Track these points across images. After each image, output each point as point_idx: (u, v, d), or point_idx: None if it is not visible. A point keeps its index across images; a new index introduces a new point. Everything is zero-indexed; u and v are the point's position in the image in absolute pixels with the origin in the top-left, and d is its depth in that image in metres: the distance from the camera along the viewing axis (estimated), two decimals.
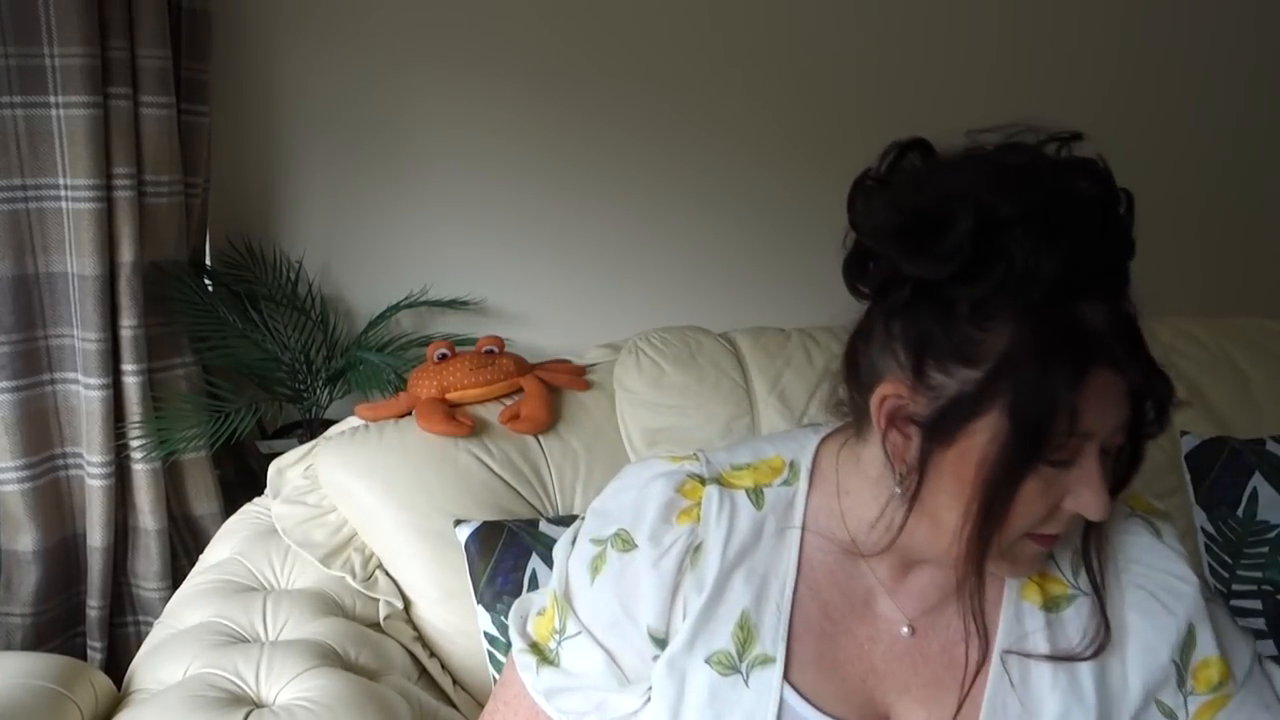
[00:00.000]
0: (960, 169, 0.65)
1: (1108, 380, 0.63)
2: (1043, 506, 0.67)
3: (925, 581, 0.76)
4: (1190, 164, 2.27)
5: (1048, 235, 0.61)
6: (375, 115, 1.89)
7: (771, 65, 2.02)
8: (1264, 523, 1.33)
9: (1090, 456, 0.65)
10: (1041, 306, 0.62)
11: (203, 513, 1.73)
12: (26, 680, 0.97)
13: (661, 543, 0.75)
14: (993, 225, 0.61)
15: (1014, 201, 0.61)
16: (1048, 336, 0.62)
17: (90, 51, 1.45)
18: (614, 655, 0.76)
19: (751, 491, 0.78)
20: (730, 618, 0.74)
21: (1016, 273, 0.61)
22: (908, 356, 0.67)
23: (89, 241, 1.51)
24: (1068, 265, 0.61)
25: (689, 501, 0.77)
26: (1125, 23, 2.16)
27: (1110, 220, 0.64)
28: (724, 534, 0.75)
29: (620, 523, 0.77)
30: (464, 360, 1.31)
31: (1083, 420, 0.63)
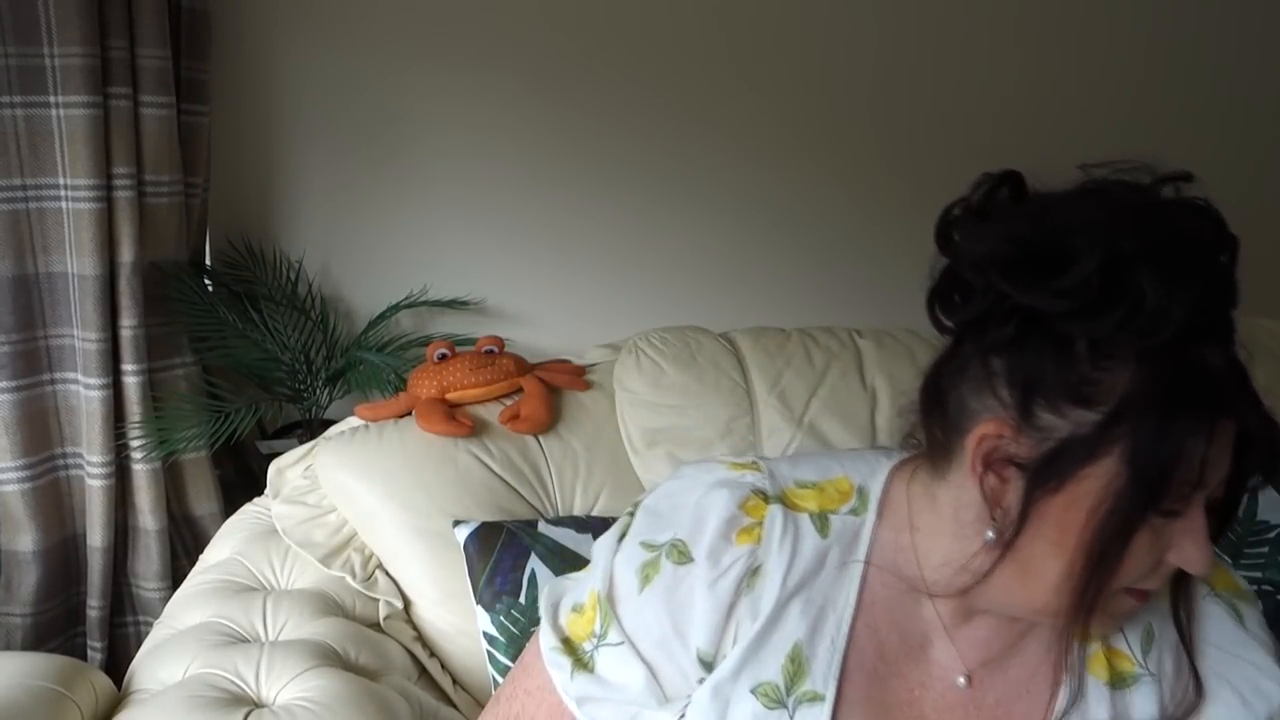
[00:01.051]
0: (1079, 203, 0.63)
1: (1228, 428, 0.61)
2: (1148, 559, 0.64)
3: (989, 630, 0.72)
4: (1190, 164, 2.27)
5: (1177, 276, 0.59)
6: (375, 115, 1.89)
7: (773, 65, 2.02)
8: (1264, 523, 1.33)
9: (1198, 507, 0.62)
10: (1168, 348, 0.60)
11: (203, 513, 1.73)
12: (26, 680, 0.97)
13: (720, 562, 0.71)
14: (1119, 262, 0.59)
15: (1141, 238, 0.59)
16: (1176, 380, 0.60)
17: (90, 51, 1.45)
18: (656, 672, 0.72)
19: (816, 517, 0.73)
20: (782, 649, 0.70)
21: (1146, 312, 0.59)
22: (1013, 395, 0.64)
23: (89, 241, 1.51)
24: (1196, 307, 0.59)
25: (751, 520, 0.72)
26: (1132, 24, 2.16)
27: (1222, 265, 0.63)
28: (786, 560, 0.71)
29: (676, 530, 0.73)
30: (464, 360, 1.31)
31: (1207, 470, 0.61)
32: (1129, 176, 0.64)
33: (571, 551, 1.12)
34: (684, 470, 0.79)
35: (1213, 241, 0.62)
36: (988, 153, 2.44)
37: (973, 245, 0.65)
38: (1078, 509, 0.62)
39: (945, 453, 0.70)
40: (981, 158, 2.43)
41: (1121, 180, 0.64)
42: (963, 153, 2.14)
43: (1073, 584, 0.63)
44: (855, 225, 2.12)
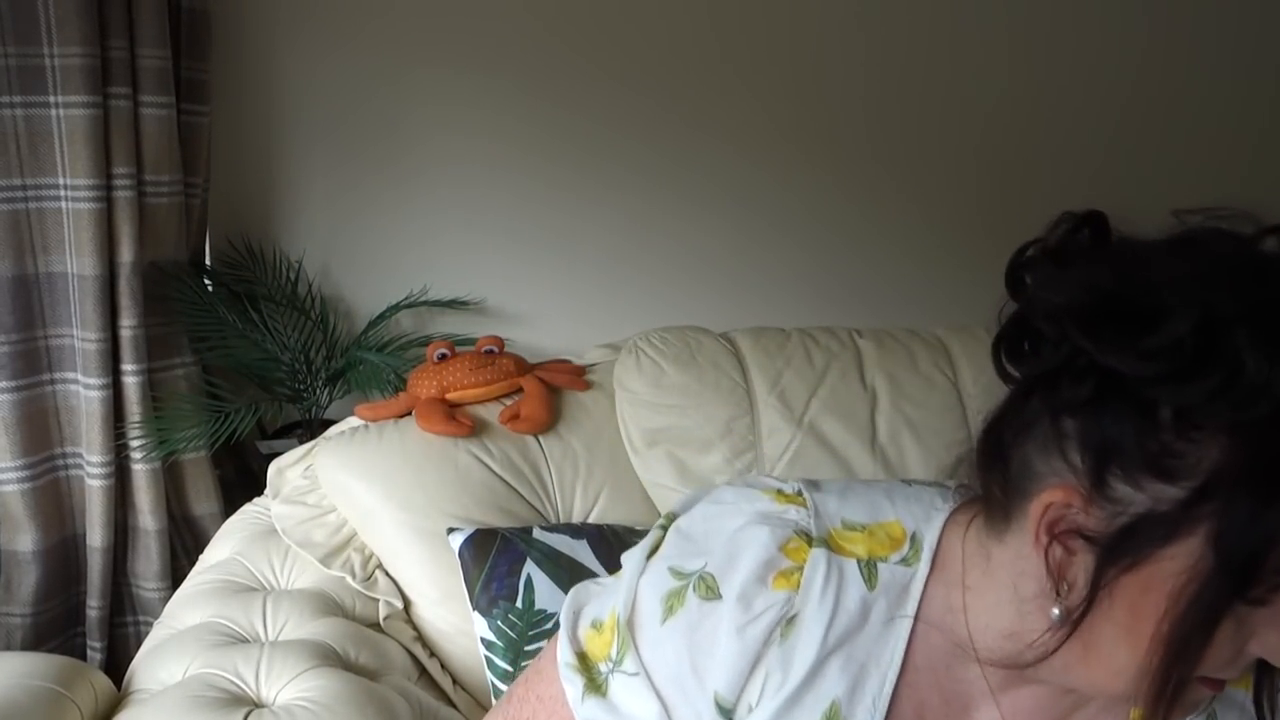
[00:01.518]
0: (1172, 254, 0.58)
1: None
2: (1231, 650, 0.58)
3: (1038, 700, 0.68)
4: (1190, 164, 2.27)
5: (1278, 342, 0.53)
6: (375, 115, 1.89)
7: (771, 67, 2.02)
8: None
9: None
10: (1266, 422, 0.53)
11: (202, 513, 1.73)
12: (26, 680, 0.97)
13: (752, 607, 0.66)
14: (1216, 323, 0.53)
15: (1241, 298, 0.53)
16: (1274, 458, 0.53)
17: (90, 51, 1.45)
18: (669, 708, 0.68)
19: (864, 564, 0.67)
20: (818, 707, 0.65)
21: (1244, 381, 0.53)
22: (1085, 461, 0.58)
23: (89, 241, 1.51)
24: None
25: (791, 564, 0.67)
26: (1140, 21, 2.16)
27: None
28: (828, 613, 0.66)
29: (708, 560, 0.68)
30: (464, 360, 1.31)
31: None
32: (1228, 225, 0.58)
33: (567, 557, 1.12)
34: (724, 494, 0.73)
35: None
36: (983, 152, 2.46)
37: (1048, 293, 0.60)
38: (1155, 593, 0.57)
39: (1005, 514, 0.64)
40: (977, 157, 2.46)
41: (1220, 230, 0.58)
42: (959, 152, 2.14)
43: (1150, 675, 0.58)
44: (853, 225, 2.12)
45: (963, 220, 2.14)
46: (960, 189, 2.14)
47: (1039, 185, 2.21)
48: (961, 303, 2.17)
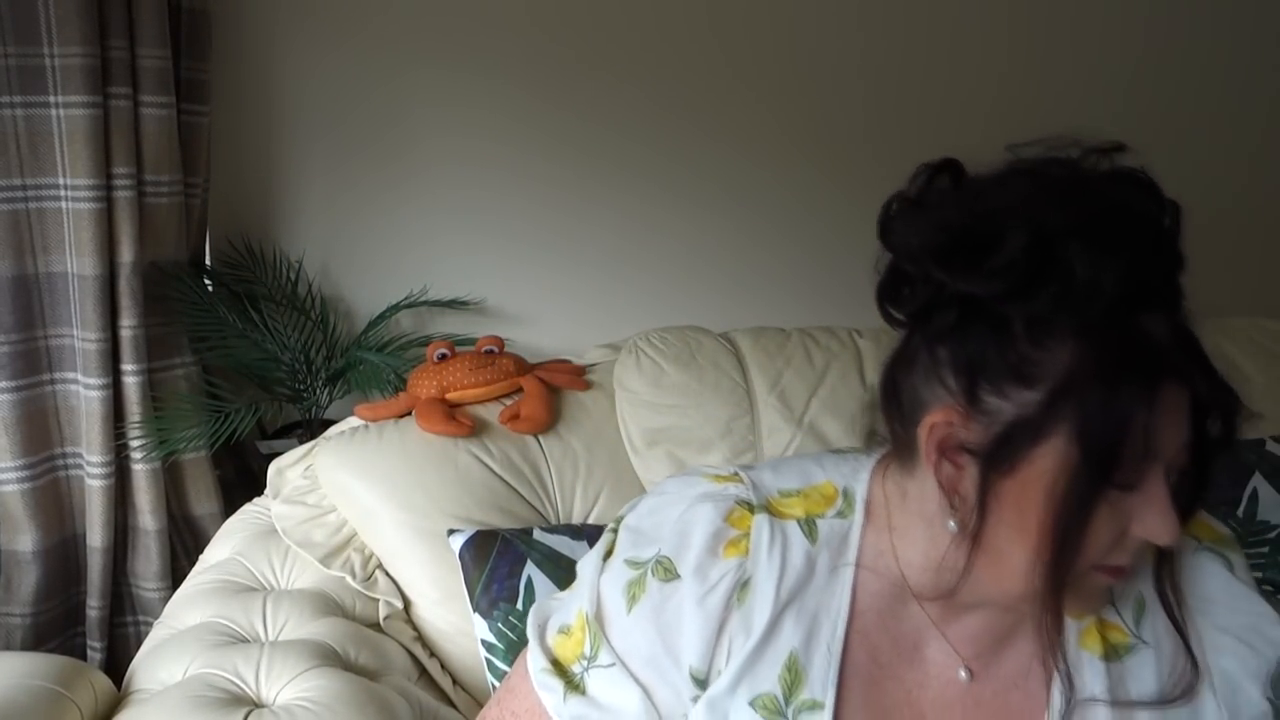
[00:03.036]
0: (1006, 184, 0.63)
1: (1173, 394, 0.60)
2: (1111, 535, 0.63)
3: (980, 624, 0.72)
4: (1190, 165, 2.27)
5: (1106, 247, 0.58)
6: (376, 115, 1.89)
7: (770, 67, 2.02)
8: (1264, 523, 1.33)
9: (1157, 477, 0.62)
10: (1103, 320, 0.59)
11: (203, 513, 1.73)
12: (26, 680, 0.97)
13: (708, 578, 0.70)
14: (1047, 239, 0.58)
15: (1068, 214, 0.59)
16: (1114, 352, 0.59)
17: (90, 51, 1.45)
18: (650, 691, 0.71)
19: (804, 522, 0.73)
20: (778, 660, 0.70)
21: (1077, 287, 0.58)
22: (958, 381, 0.63)
23: (89, 241, 1.51)
24: (1128, 278, 0.59)
25: (737, 531, 0.72)
26: (1128, 22, 2.16)
27: (1161, 232, 0.62)
28: (777, 571, 0.70)
29: (661, 546, 0.72)
30: (464, 360, 1.31)
31: (1157, 439, 0.60)
32: (1059, 153, 0.63)
33: (567, 558, 1.12)
34: (666, 485, 0.78)
35: (1146, 210, 0.61)
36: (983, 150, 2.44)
37: (909, 237, 0.65)
38: (1034, 490, 0.62)
39: (908, 448, 0.69)
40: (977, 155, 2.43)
41: (1049, 158, 0.63)
42: (958, 150, 2.14)
43: (1042, 568, 0.62)
44: (853, 224, 2.11)
45: None
46: None
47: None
48: None
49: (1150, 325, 0.60)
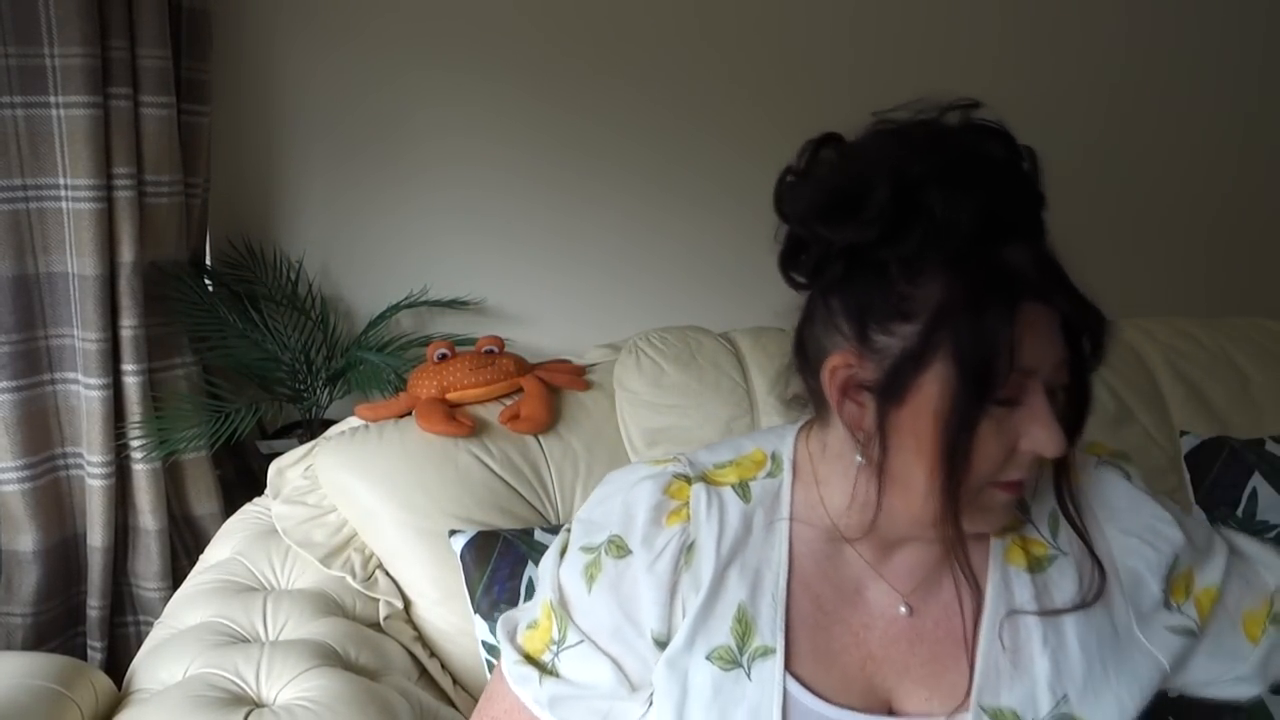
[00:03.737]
0: (872, 144, 0.69)
1: (1040, 314, 0.66)
2: (999, 449, 0.68)
3: (911, 560, 0.77)
4: (1191, 165, 2.27)
5: (961, 188, 0.64)
6: (376, 115, 1.89)
7: (770, 67, 2.03)
8: (1264, 523, 1.33)
9: (1036, 394, 0.67)
10: (966, 254, 0.65)
11: (203, 513, 1.73)
12: (27, 680, 0.97)
13: (654, 546, 0.76)
14: (909, 186, 0.64)
15: (925, 162, 0.65)
16: (976, 280, 0.65)
17: (90, 51, 1.46)
18: (619, 663, 0.76)
19: (738, 486, 0.79)
20: (728, 613, 0.74)
21: (937, 225, 0.64)
22: (850, 326, 0.69)
23: (89, 241, 1.51)
24: (983, 213, 0.64)
25: (677, 502, 0.78)
26: (1129, 22, 2.16)
27: (1018, 174, 0.67)
28: (716, 531, 0.76)
29: (611, 529, 0.78)
30: (464, 360, 1.31)
31: (1022, 354, 0.65)
32: (920, 114, 0.70)
33: None
34: (610, 477, 0.83)
35: (1000, 155, 0.67)
36: None
37: (796, 204, 0.72)
38: (925, 416, 0.67)
39: (821, 400, 0.74)
40: None
41: (912, 118, 0.70)
42: None
43: (938, 485, 0.67)
44: None
45: None
46: None
47: None
48: None
49: (1010, 255, 0.65)
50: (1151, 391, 1.49)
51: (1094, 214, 2.25)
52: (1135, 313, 1.70)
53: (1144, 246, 2.29)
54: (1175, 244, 2.31)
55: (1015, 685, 0.72)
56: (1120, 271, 2.29)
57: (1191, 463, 1.41)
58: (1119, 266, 2.28)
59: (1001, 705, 0.72)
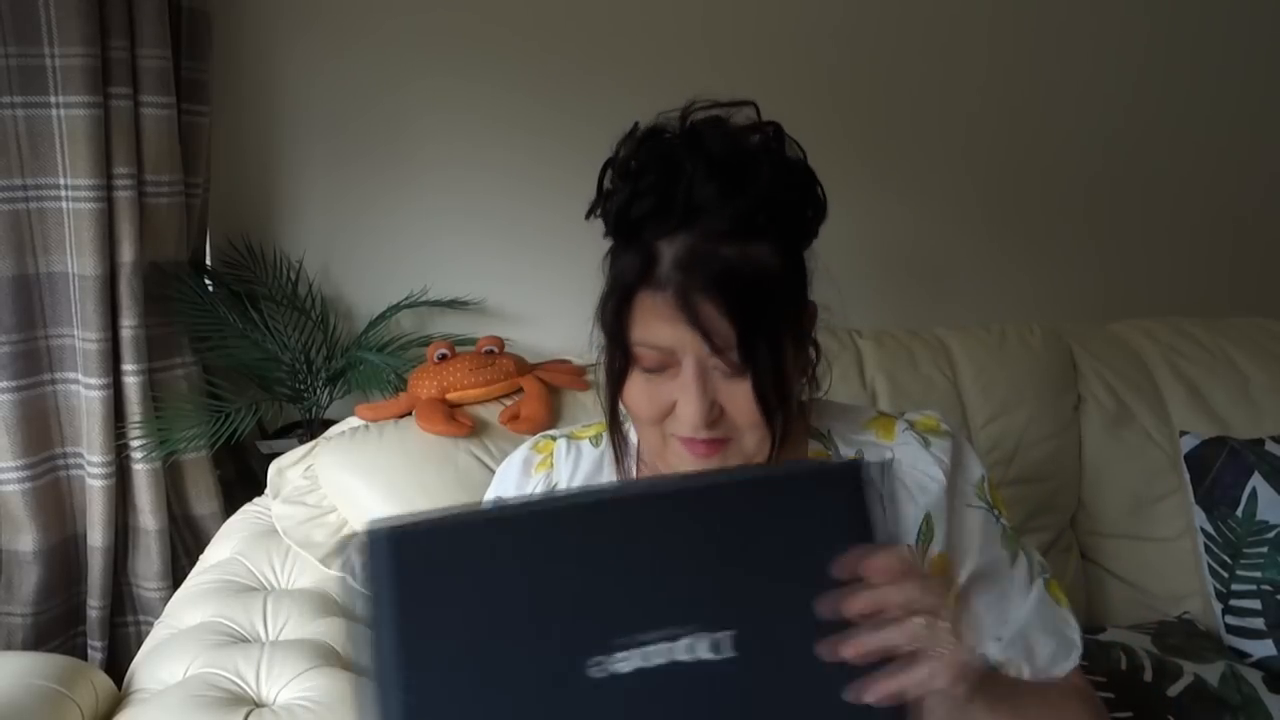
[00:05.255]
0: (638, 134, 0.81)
1: (659, 302, 0.73)
2: (654, 407, 0.77)
3: None
4: (1191, 165, 2.27)
5: (638, 184, 0.74)
6: (376, 115, 1.89)
7: (769, 68, 2.03)
8: (1263, 523, 1.33)
9: (686, 370, 0.74)
10: (630, 238, 0.76)
11: (203, 513, 1.73)
12: (27, 680, 0.97)
13: (524, 491, 0.89)
14: (613, 179, 0.79)
15: (634, 159, 0.77)
16: (619, 264, 0.77)
17: (90, 51, 1.46)
18: None
19: (593, 438, 0.92)
20: None
21: (615, 210, 0.77)
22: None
23: (89, 241, 1.51)
24: (655, 209, 0.73)
25: (542, 455, 0.92)
26: (1129, 22, 2.16)
27: (726, 173, 0.73)
28: (570, 470, 0.90)
29: (493, 494, 0.92)
30: (464, 360, 1.31)
31: (647, 335, 0.74)
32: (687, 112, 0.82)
33: None
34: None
35: (712, 155, 0.74)
36: (981, 153, 2.45)
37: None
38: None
39: None
40: (976, 157, 2.44)
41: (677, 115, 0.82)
42: (957, 152, 2.14)
43: (607, 419, 0.82)
44: (851, 225, 2.12)
45: (962, 221, 2.14)
46: (960, 189, 2.14)
47: (1037, 185, 2.21)
48: (961, 302, 2.18)
49: (663, 246, 0.73)
50: (1151, 391, 1.49)
51: (1095, 214, 2.25)
52: (1135, 313, 1.70)
53: (1144, 246, 2.29)
54: (1175, 244, 2.31)
55: None
56: (1120, 271, 2.29)
57: (1191, 463, 1.41)
58: (1120, 266, 2.28)
59: None
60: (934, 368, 1.43)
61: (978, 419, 1.41)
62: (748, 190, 0.73)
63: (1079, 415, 1.46)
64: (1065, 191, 2.23)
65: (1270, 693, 1.21)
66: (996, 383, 1.43)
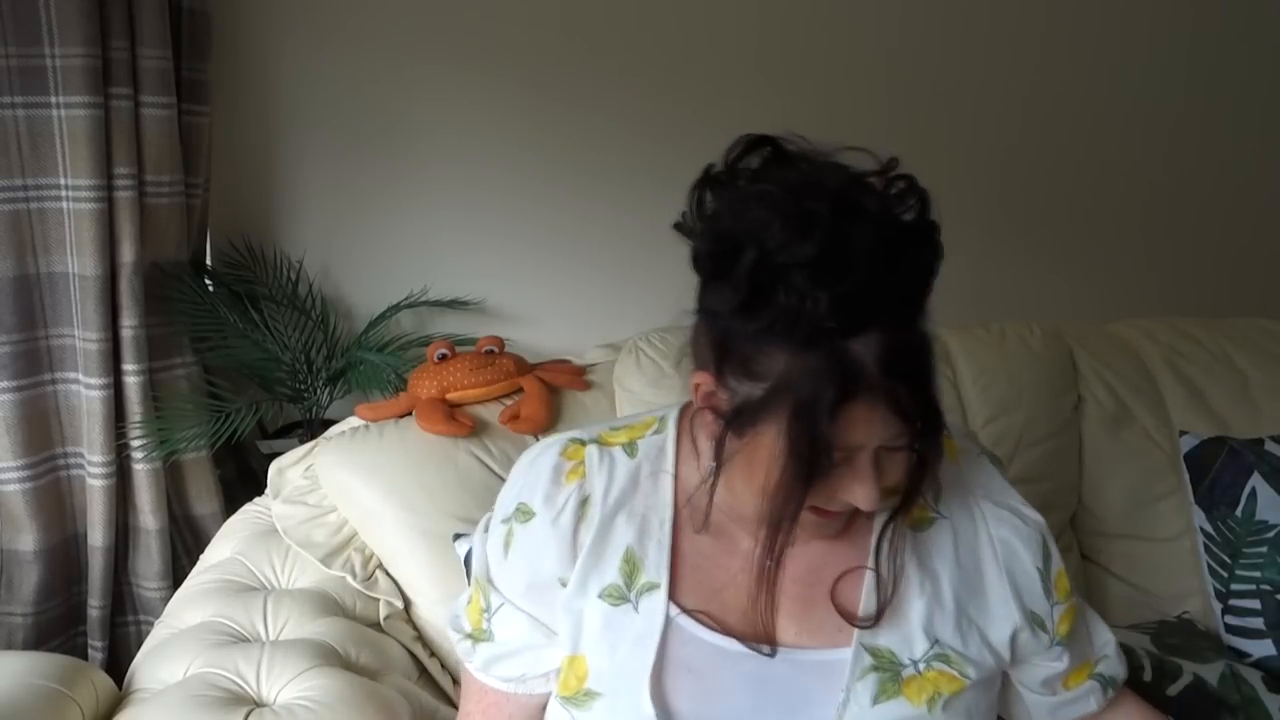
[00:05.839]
0: (752, 203, 0.70)
1: (870, 408, 0.68)
2: (823, 498, 0.74)
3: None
4: (1191, 165, 2.27)
5: (821, 281, 0.65)
6: (376, 115, 1.89)
7: (773, 63, 2.02)
8: (1263, 523, 1.33)
9: (863, 458, 0.71)
10: (812, 341, 0.67)
11: (203, 512, 1.74)
12: (28, 679, 0.98)
13: (555, 502, 0.83)
14: (770, 264, 0.66)
15: (790, 239, 0.66)
16: (814, 370, 0.67)
17: (91, 52, 1.46)
18: (535, 616, 0.84)
19: (626, 446, 0.86)
20: (616, 555, 0.81)
21: (788, 310, 0.66)
22: (711, 356, 0.73)
23: (90, 241, 1.51)
24: (839, 304, 0.65)
25: (573, 462, 0.85)
26: (1129, 22, 2.16)
27: (891, 261, 0.67)
28: (604, 483, 0.83)
29: (519, 497, 0.85)
30: (464, 360, 1.31)
31: (850, 438, 0.69)
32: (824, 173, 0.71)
33: None
34: (519, 459, 0.91)
35: (873, 241, 0.66)
36: (992, 153, 2.45)
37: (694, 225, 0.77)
38: (759, 460, 0.72)
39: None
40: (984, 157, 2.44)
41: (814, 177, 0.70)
42: (964, 152, 2.14)
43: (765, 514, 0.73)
44: None
45: (966, 220, 2.14)
46: (964, 189, 2.14)
47: (1037, 186, 2.21)
48: (962, 303, 2.18)
49: (857, 347, 0.67)
50: (1151, 391, 1.49)
51: (1095, 214, 2.25)
52: (1135, 313, 1.70)
53: (1144, 246, 2.29)
54: (1175, 244, 2.31)
55: (893, 629, 0.79)
56: (1120, 271, 2.29)
57: (1191, 463, 1.41)
58: (1120, 266, 2.28)
59: (879, 644, 0.79)
60: None
61: (977, 419, 1.41)
62: (920, 276, 0.70)
63: (1079, 415, 1.46)
64: (1065, 192, 2.23)
65: (1270, 693, 1.21)
66: (996, 383, 1.43)
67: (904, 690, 0.77)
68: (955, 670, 0.79)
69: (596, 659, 0.80)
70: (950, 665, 0.79)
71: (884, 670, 0.78)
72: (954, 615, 0.80)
